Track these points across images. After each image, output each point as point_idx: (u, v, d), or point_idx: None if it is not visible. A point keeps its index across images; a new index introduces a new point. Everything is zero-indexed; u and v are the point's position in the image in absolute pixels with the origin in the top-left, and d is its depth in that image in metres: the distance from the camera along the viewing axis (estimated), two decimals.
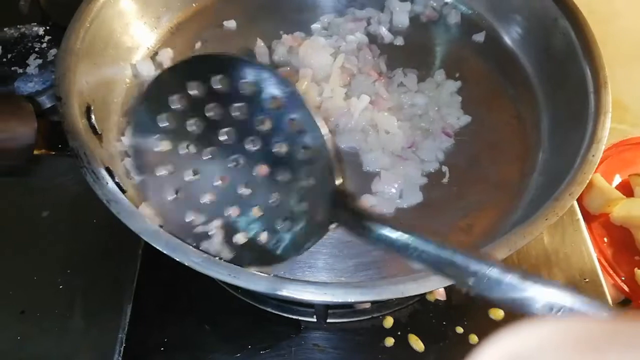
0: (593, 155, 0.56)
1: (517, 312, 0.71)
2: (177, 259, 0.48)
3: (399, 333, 0.70)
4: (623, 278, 0.83)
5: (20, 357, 0.69)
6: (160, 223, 0.54)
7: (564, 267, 0.75)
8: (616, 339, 0.23)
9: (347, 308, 0.70)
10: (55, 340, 0.69)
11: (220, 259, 0.49)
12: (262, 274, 0.48)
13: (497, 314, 0.72)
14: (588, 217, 0.86)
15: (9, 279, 0.74)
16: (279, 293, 0.46)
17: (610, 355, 0.22)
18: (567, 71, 0.69)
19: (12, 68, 0.87)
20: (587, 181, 0.55)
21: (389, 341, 0.69)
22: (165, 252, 0.48)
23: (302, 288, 0.46)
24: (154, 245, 0.49)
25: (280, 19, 0.84)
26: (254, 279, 0.47)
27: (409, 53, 0.81)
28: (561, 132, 0.68)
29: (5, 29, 0.92)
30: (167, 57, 0.77)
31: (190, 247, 0.49)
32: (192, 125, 0.52)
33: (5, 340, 0.69)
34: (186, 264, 0.48)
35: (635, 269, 0.81)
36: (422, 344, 0.68)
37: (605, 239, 0.86)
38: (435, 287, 0.47)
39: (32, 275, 0.74)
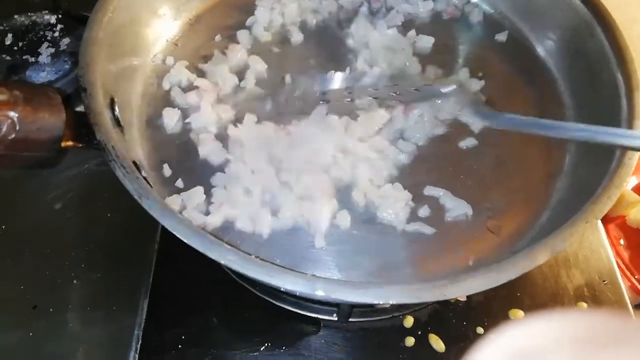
0: (630, 159, 0.56)
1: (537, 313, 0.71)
2: (213, 258, 0.47)
3: (420, 333, 0.69)
4: (636, 277, 0.83)
5: (32, 354, 0.67)
6: None
7: (583, 269, 0.75)
8: (624, 336, 0.23)
9: (368, 307, 0.70)
10: (69, 336, 0.68)
11: (257, 257, 0.48)
12: (299, 273, 0.47)
13: (517, 314, 0.71)
14: (605, 219, 0.85)
15: (20, 274, 0.72)
16: (317, 293, 0.45)
17: (616, 351, 0.22)
18: (596, 73, 0.69)
19: (24, 57, 0.85)
20: (625, 184, 0.55)
21: (410, 341, 0.68)
22: (200, 250, 0.47)
23: (341, 288, 0.46)
24: (189, 244, 0.47)
25: None
26: (291, 279, 0.46)
27: (432, 50, 0.80)
28: None
29: (15, 17, 0.90)
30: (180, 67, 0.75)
31: (225, 244, 0.48)
32: None
33: (17, 336, 0.68)
34: (222, 263, 0.47)
35: None
36: (442, 344, 0.68)
37: (622, 241, 0.86)
38: (477, 289, 0.46)
39: (45, 270, 0.72)
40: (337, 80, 0.74)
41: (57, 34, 0.90)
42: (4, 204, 0.77)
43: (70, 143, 0.51)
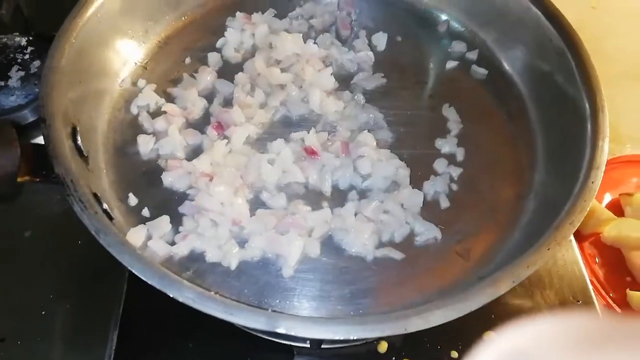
0: (592, 182, 0.56)
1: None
2: (171, 295, 0.46)
3: (394, 358, 0.68)
4: (611, 295, 0.82)
5: None
6: None
7: (557, 289, 0.75)
8: (614, 338, 0.23)
9: None
10: None
11: (217, 293, 0.47)
12: (260, 310, 0.46)
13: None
14: (579, 237, 0.85)
15: None
16: (278, 330, 0.44)
17: (608, 353, 0.22)
18: (561, 92, 0.69)
19: None
20: (588, 209, 0.54)
21: None
22: (158, 287, 0.46)
23: (302, 325, 0.45)
24: (147, 281, 0.46)
25: None
26: (251, 316, 0.45)
27: (401, 69, 0.80)
28: (558, 155, 0.68)
29: None
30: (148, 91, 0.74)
31: (185, 282, 0.47)
32: None
33: None
34: (180, 301, 0.46)
35: (627, 290, 0.81)
36: None
37: (597, 259, 0.86)
38: (439, 321, 0.45)
39: (13, 301, 0.71)
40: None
41: (27, 56, 0.88)
42: None
43: (26, 177, 0.50)
